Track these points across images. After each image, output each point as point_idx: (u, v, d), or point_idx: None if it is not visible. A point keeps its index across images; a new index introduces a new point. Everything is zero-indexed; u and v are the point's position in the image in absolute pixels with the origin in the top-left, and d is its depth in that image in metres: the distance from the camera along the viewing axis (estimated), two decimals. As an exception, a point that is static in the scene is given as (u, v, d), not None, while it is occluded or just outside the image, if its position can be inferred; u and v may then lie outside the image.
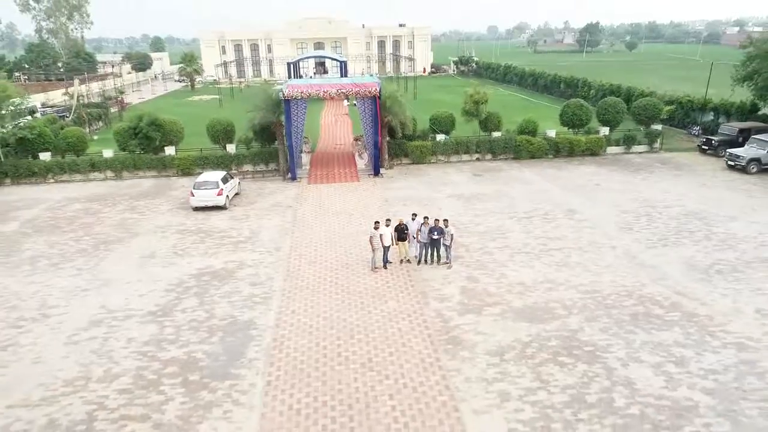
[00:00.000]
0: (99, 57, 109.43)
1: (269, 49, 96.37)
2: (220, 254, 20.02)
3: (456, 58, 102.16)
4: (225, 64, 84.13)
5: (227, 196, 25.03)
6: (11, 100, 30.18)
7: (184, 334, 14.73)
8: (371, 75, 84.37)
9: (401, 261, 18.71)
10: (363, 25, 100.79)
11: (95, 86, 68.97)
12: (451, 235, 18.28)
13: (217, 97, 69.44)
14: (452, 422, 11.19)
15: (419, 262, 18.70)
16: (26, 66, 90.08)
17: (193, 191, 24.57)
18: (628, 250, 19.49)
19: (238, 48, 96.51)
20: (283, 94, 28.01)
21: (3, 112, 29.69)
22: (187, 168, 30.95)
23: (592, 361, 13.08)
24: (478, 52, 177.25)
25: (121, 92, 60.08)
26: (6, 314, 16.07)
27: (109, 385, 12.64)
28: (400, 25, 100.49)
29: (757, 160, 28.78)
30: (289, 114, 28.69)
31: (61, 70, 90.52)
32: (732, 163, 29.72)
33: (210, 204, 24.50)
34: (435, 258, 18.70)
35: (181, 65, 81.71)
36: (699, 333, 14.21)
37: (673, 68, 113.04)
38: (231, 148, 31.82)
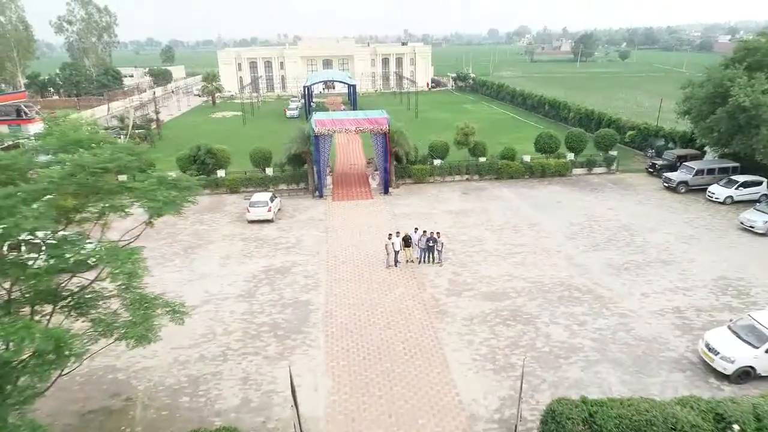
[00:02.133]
0: (122, 70, 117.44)
1: (281, 66, 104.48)
2: (277, 256, 27.91)
3: (454, 74, 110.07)
4: (246, 84, 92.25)
5: (274, 212, 32.94)
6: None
7: (266, 308, 22.62)
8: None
9: (407, 261, 26.55)
10: (368, 43, 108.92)
11: (126, 102, 76.92)
12: (442, 243, 26.17)
13: (238, 113, 77.46)
14: (439, 356, 19.03)
15: (419, 262, 26.55)
16: (60, 83, 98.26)
17: (249, 208, 32.45)
18: (568, 254, 27.36)
19: (253, 65, 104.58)
20: (314, 131, 35.96)
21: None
22: (235, 187, 38.85)
23: (527, 324, 20.92)
24: (477, 59, 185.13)
25: (158, 112, 67.96)
26: (143, 296, 23.95)
27: (228, 337, 20.53)
28: (403, 44, 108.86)
29: (684, 182, 36.64)
30: (318, 145, 36.64)
31: (92, 86, 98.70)
32: (667, 185, 37.60)
33: (262, 218, 32.38)
34: (430, 259, 26.54)
35: (204, 84, 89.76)
36: (599, 307, 22.05)
37: (658, 81, 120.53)
38: (269, 171, 39.72)
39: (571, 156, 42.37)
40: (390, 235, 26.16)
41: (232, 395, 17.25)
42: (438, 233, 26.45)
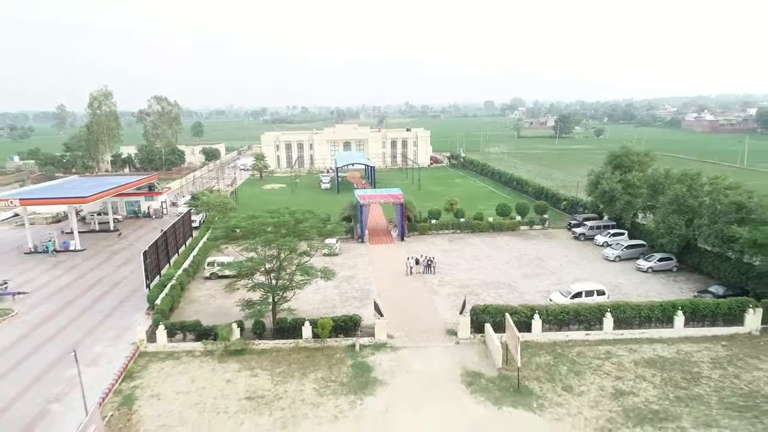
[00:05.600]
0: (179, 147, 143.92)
1: (311, 147, 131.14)
2: (344, 271, 51.16)
3: (449, 154, 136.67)
4: (292, 163, 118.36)
5: (338, 249, 56.46)
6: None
7: (348, 291, 45.80)
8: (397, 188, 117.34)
9: (418, 272, 49.85)
10: (379, 129, 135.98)
11: (189, 176, 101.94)
12: (435, 263, 49.72)
13: (283, 185, 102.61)
14: (432, 305, 42.11)
15: (423, 273, 49.83)
16: (136, 161, 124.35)
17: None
18: (503, 270, 50.75)
19: (288, 146, 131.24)
20: (360, 202, 60.19)
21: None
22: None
23: (475, 296, 43.96)
24: (471, 133, 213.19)
25: (228, 185, 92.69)
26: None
27: (334, 301, 43.61)
28: (407, 130, 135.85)
29: (583, 234, 60.44)
30: (360, 210, 60.81)
31: (161, 162, 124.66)
32: (574, 236, 61.42)
33: (331, 253, 55.82)
34: (429, 271, 49.87)
35: (255, 162, 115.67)
36: (512, 291, 45.21)
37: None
38: (329, 226, 63.45)
39: (519, 218, 66.44)
40: (408, 258, 49.84)
41: (343, 314, 40.18)
42: (433, 257, 50.12)
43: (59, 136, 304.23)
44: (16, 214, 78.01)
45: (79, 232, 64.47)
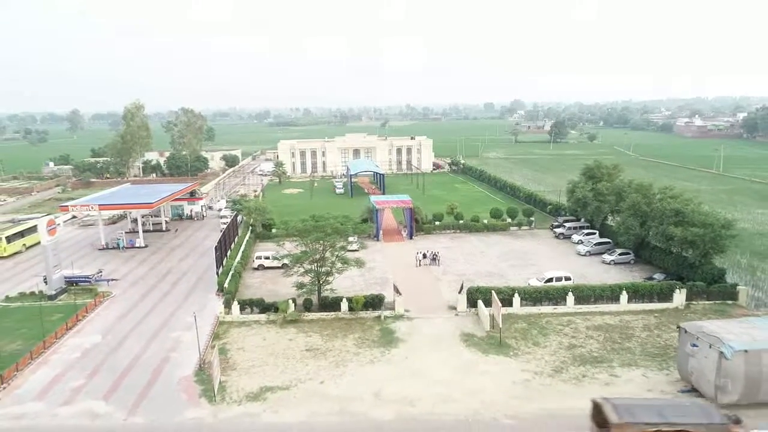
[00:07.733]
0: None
1: (323, 154, 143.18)
2: (367, 263, 63.02)
3: (450, 160, 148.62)
4: (311, 171, 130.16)
5: (358, 245, 68.39)
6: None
7: (371, 279, 57.78)
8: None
9: (425, 264, 61.76)
10: (385, 137, 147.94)
11: (216, 180, 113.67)
12: (439, 257, 61.71)
13: (301, 190, 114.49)
14: (436, 288, 54.08)
15: (429, 264, 61.77)
16: (164, 168, 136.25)
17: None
18: (494, 262, 62.72)
19: (302, 153, 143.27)
20: (376, 207, 72.18)
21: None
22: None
23: (472, 282, 55.80)
24: (470, 137, 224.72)
25: (255, 191, 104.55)
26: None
27: (361, 285, 55.58)
28: (411, 138, 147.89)
29: (562, 233, 72.40)
30: (376, 213, 72.81)
31: (187, 168, 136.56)
32: (554, 235, 73.38)
33: (354, 248, 67.69)
34: (435, 264, 61.80)
35: (275, 169, 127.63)
36: (501, 277, 57.18)
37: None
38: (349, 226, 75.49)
39: (509, 220, 78.41)
40: (417, 253, 61.94)
41: (370, 293, 52.07)
42: (437, 252, 62.19)
43: (73, 139, 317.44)
44: (74, 216, 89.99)
45: (138, 232, 76.51)
